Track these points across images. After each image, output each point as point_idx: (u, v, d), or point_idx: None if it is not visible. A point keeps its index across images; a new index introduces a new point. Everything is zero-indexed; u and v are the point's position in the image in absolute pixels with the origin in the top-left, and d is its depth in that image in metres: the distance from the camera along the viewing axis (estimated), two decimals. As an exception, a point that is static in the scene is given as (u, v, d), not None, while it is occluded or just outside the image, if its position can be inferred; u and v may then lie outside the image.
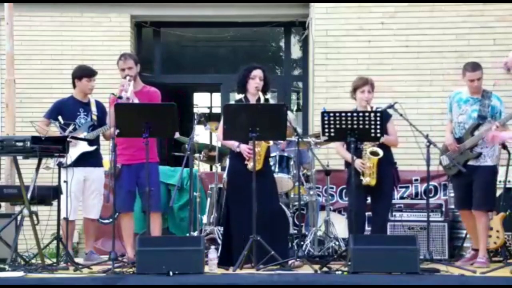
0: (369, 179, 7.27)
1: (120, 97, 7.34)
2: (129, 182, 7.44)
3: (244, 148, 7.07)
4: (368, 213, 7.59)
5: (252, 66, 7.29)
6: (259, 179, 6.96)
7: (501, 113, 7.46)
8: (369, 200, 7.53)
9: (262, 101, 7.20)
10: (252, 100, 7.25)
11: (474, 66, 7.45)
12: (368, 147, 7.27)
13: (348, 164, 7.38)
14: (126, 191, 7.45)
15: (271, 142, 7.31)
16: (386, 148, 7.38)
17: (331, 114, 6.84)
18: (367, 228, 7.71)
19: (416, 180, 9.13)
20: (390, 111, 7.47)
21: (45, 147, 6.81)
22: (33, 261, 7.00)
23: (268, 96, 7.41)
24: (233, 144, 7.16)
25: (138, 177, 7.43)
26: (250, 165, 7.01)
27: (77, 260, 7.47)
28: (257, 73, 7.24)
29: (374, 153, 7.25)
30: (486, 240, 7.45)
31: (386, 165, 7.37)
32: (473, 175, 7.39)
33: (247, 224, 6.75)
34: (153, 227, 7.37)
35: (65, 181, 7.18)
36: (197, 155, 8.70)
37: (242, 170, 7.06)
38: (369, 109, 7.27)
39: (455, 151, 7.47)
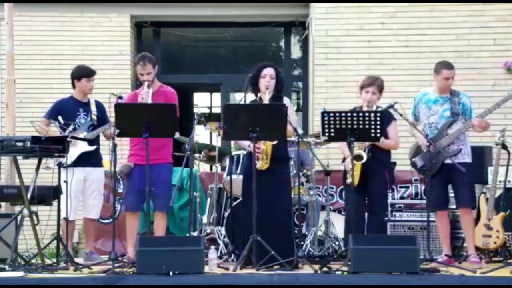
0: (350, 180, 7.25)
1: (120, 97, 7.35)
2: (140, 182, 7.41)
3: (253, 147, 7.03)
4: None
5: (263, 65, 7.26)
6: (270, 177, 6.99)
7: (471, 111, 7.45)
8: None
9: (267, 99, 7.14)
10: (266, 100, 7.16)
11: (450, 65, 7.48)
12: (356, 148, 7.20)
13: (344, 159, 7.47)
14: (136, 190, 7.43)
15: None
16: (381, 149, 7.37)
17: (331, 114, 6.83)
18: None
19: (416, 180, 9.12)
20: (391, 110, 7.45)
21: (45, 147, 6.81)
22: (33, 261, 7.00)
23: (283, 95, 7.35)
24: (245, 144, 7.17)
25: (149, 177, 7.42)
26: (258, 164, 7.01)
27: (77, 260, 7.47)
28: (268, 71, 7.20)
29: (357, 157, 7.21)
30: (474, 238, 7.44)
31: (379, 167, 7.34)
32: (452, 173, 7.29)
33: (258, 223, 6.72)
34: (158, 226, 7.42)
35: (65, 181, 7.18)
36: (197, 155, 8.69)
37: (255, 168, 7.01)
38: (372, 109, 7.25)
39: (431, 150, 7.29)
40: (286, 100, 7.26)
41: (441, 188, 7.45)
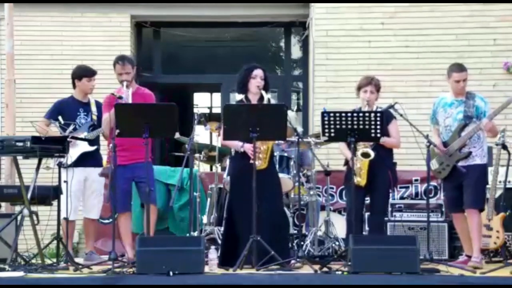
0: (359, 179, 7.25)
1: (120, 97, 7.34)
2: (124, 182, 7.41)
3: (248, 147, 7.05)
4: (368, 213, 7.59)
5: (253, 66, 7.32)
6: (265, 178, 6.99)
7: (485, 114, 7.34)
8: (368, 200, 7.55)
9: (265, 99, 7.18)
10: (253, 100, 7.25)
11: (461, 67, 7.40)
12: (361, 147, 7.22)
13: (347, 162, 7.41)
14: (120, 191, 7.41)
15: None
16: (385, 149, 7.37)
17: (331, 114, 6.83)
18: (366, 228, 7.70)
19: (416, 180, 9.13)
20: (391, 111, 7.45)
21: (45, 147, 6.82)
22: (33, 261, 7.00)
23: (269, 95, 7.41)
24: (237, 144, 7.16)
25: (134, 176, 7.43)
26: (256, 164, 7.01)
27: (77, 260, 7.47)
28: (258, 72, 7.26)
29: (365, 155, 7.22)
30: (480, 239, 7.35)
31: (382, 166, 7.32)
32: (464, 175, 7.26)
33: (250, 224, 6.73)
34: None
35: (65, 181, 7.18)
36: (197, 155, 8.70)
37: (247, 170, 7.03)
38: (372, 109, 7.25)
39: (442, 154, 7.34)
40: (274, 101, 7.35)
41: (454, 190, 7.40)
